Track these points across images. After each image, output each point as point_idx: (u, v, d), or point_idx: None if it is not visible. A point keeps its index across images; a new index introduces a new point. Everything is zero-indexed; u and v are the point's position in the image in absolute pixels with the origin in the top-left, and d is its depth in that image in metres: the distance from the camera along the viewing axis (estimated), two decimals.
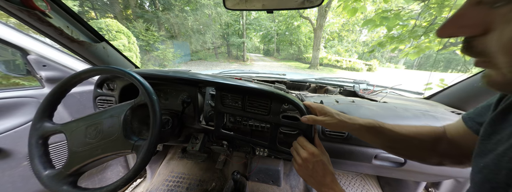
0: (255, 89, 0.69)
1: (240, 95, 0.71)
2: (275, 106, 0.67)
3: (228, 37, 16.86)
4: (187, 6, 11.39)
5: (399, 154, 0.51)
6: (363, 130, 0.48)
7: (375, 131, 0.47)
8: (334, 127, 0.51)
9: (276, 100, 0.67)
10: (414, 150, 0.47)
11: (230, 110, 0.73)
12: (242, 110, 0.72)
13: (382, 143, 0.49)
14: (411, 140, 0.46)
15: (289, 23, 18.06)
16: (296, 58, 19.44)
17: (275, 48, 23.78)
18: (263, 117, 0.69)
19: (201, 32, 12.36)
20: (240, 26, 17.77)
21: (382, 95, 1.14)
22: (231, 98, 0.73)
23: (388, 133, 0.47)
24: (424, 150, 0.46)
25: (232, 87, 0.71)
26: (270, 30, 20.98)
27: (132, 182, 1.46)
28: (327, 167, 0.49)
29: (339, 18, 17.38)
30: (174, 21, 10.57)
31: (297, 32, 18.24)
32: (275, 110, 0.67)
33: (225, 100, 0.74)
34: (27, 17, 0.65)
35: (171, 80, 0.80)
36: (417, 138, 0.46)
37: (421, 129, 0.47)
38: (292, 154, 0.59)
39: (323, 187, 0.48)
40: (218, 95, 0.74)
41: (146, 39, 9.01)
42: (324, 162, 0.50)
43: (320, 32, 12.29)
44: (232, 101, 0.73)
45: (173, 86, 0.88)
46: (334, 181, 0.48)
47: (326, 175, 0.48)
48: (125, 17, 10.02)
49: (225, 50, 18.08)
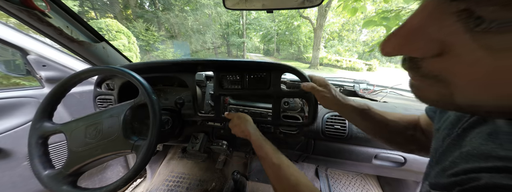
0: (254, 62, 0.69)
1: (239, 73, 0.71)
2: (275, 77, 0.68)
3: (228, 37, 16.86)
4: (187, 6, 11.39)
5: (380, 137, 0.52)
6: (354, 111, 0.50)
7: (364, 114, 0.50)
8: (328, 102, 0.54)
9: (275, 70, 0.68)
10: (395, 135, 0.49)
11: (229, 91, 0.74)
12: (242, 88, 0.72)
13: (367, 125, 0.51)
14: (395, 125, 0.48)
15: (289, 23, 18.04)
16: (296, 58, 19.42)
17: (275, 48, 23.76)
18: (264, 91, 0.70)
19: (201, 32, 12.35)
20: (240, 26, 17.77)
21: (382, 95, 1.14)
22: (230, 79, 0.73)
23: (375, 116, 0.49)
24: (403, 136, 0.48)
25: (231, 64, 0.71)
26: (270, 30, 20.95)
27: (132, 182, 1.46)
28: (247, 124, 0.63)
29: (339, 18, 17.38)
30: (174, 21, 10.57)
31: (297, 32, 18.21)
32: (275, 82, 0.68)
33: (224, 82, 0.74)
34: (26, 17, 0.65)
35: (167, 67, 0.79)
36: (400, 124, 0.48)
37: (404, 116, 0.50)
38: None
39: (245, 135, 0.61)
40: (216, 77, 0.73)
41: (146, 39, 9.01)
42: (246, 122, 0.63)
43: (320, 31, 12.28)
44: (232, 82, 0.73)
45: (169, 79, 0.85)
46: (253, 132, 0.59)
47: (246, 128, 0.61)
48: (125, 17, 10.01)
49: (225, 50, 18.07)
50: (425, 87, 0.19)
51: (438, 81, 0.17)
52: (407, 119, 0.49)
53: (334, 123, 0.81)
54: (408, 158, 0.80)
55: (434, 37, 0.15)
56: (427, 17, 0.15)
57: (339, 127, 0.79)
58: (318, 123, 0.83)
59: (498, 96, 0.14)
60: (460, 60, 0.15)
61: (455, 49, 0.15)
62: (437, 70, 0.17)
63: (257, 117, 0.84)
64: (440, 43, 0.15)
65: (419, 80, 0.19)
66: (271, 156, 0.50)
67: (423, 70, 0.17)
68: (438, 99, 0.19)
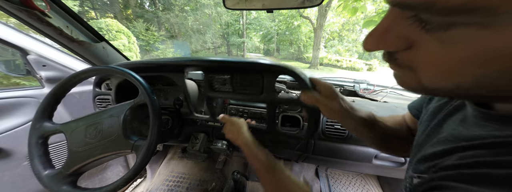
0: (241, 63, 0.59)
1: (228, 74, 0.63)
2: (269, 82, 0.59)
3: (228, 36, 16.86)
4: (187, 5, 11.39)
5: (381, 147, 0.49)
6: (361, 124, 0.44)
7: (371, 126, 0.45)
8: (334, 115, 0.45)
9: (268, 73, 0.58)
10: (396, 142, 0.47)
11: (219, 94, 0.67)
12: (233, 92, 0.64)
13: (371, 136, 0.46)
14: (396, 133, 0.47)
15: (289, 23, 18.02)
16: (296, 57, 19.40)
17: (275, 48, 23.74)
18: (256, 97, 0.61)
19: (201, 31, 12.35)
20: (240, 25, 17.76)
21: (383, 95, 1.14)
22: (219, 80, 0.65)
23: (381, 125, 0.46)
24: (402, 142, 0.46)
25: (216, 64, 0.62)
26: (270, 29, 20.93)
27: (132, 182, 1.46)
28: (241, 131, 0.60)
29: (339, 18, 17.36)
30: (174, 20, 10.57)
31: (297, 31, 18.19)
32: (268, 87, 0.59)
33: (214, 83, 0.67)
34: (26, 17, 0.65)
35: (156, 68, 0.75)
36: (399, 130, 0.47)
37: (394, 118, 0.51)
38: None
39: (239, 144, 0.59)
40: (206, 79, 0.68)
41: (146, 39, 9.01)
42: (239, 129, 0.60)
43: (320, 31, 12.27)
44: (221, 83, 0.65)
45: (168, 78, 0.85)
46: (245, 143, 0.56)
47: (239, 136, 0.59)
48: (125, 17, 10.01)
49: (225, 50, 18.07)
50: (403, 75, 0.23)
51: (410, 70, 0.21)
52: (398, 121, 0.50)
53: (334, 123, 0.80)
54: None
55: (400, 34, 0.19)
56: (393, 20, 0.19)
57: (339, 127, 0.79)
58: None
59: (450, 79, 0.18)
60: (421, 52, 0.18)
61: (417, 43, 0.18)
62: (408, 61, 0.20)
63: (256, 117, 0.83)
64: (407, 38, 0.19)
65: (397, 70, 0.23)
66: (264, 170, 0.48)
67: (398, 61, 0.21)
68: (414, 86, 0.22)
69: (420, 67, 0.20)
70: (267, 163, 0.49)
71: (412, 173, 0.28)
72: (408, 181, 0.28)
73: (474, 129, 0.23)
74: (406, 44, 0.19)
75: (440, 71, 0.18)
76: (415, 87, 0.22)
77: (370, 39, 0.22)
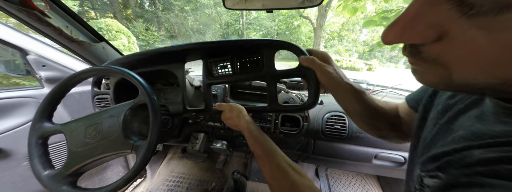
0: (240, 41, 0.62)
1: (228, 56, 0.65)
2: (268, 57, 0.61)
3: (228, 36, 16.87)
4: (187, 5, 11.39)
5: (365, 123, 0.51)
6: (351, 93, 0.47)
7: (360, 97, 0.47)
8: (329, 78, 0.48)
9: (267, 48, 0.61)
10: (380, 121, 0.49)
11: (220, 79, 0.69)
12: (233, 74, 0.67)
13: (358, 109, 0.48)
14: (383, 112, 0.49)
15: (289, 23, 18.01)
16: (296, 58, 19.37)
17: None
18: (257, 74, 0.64)
19: (201, 31, 12.35)
20: (240, 25, 17.76)
21: (382, 95, 1.14)
22: (219, 65, 0.67)
23: (368, 101, 0.48)
24: (385, 123, 0.48)
25: (215, 45, 0.64)
26: (270, 29, 20.92)
27: (132, 182, 1.46)
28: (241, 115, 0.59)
29: (339, 18, 17.35)
30: (174, 20, 10.57)
31: (297, 31, 18.19)
32: (268, 62, 0.62)
33: (213, 69, 0.69)
34: (26, 17, 0.65)
35: (153, 59, 0.74)
36: (387, 111, 0.49)
37: (387, 104, 0.52)
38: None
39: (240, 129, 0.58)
40: (205, 65, 0.69)
41: (146, 39, 9.02)
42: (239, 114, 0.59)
43: (320, 31, 12.27)
44: (221, 67, 0.67)
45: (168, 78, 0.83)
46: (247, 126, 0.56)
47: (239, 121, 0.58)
48: (125, 17, 10.01)
49: None
50: (426, 71, 0.20)
51: (437, 64, 0.18)
52: (390, 106, 0.51)
53: (334, 123, 0.80)
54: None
55: (432, 22, 0.16)
56: (424, 5, 0.16)
57: (339, 127, 0.79)
58: (318, 123, 0.83)
59: (492, 73, 0.16)
60: (457, 42, 0.16)
61: (452, 32, 0.16)
62: (436, 54, 0.18)
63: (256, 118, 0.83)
64: (438, 28, 0.16)
65: (420, 65, 0.20)
66: (264, 156, 0.48)
67: (424, 55, 0.19)
68: (439, 81, 0.20)
69: (453, 60, 0.17)
70: (268, 148, 0.49)
71: (420, 172, 0.26)
72: (417, 181, 0.26)
73: (496, 125, 0.21)
74: (437, 34, 0.17)
75: (481, 64, 0.16)
76: (438, 83, 0.20)
77: (393, 29, 0.19)
